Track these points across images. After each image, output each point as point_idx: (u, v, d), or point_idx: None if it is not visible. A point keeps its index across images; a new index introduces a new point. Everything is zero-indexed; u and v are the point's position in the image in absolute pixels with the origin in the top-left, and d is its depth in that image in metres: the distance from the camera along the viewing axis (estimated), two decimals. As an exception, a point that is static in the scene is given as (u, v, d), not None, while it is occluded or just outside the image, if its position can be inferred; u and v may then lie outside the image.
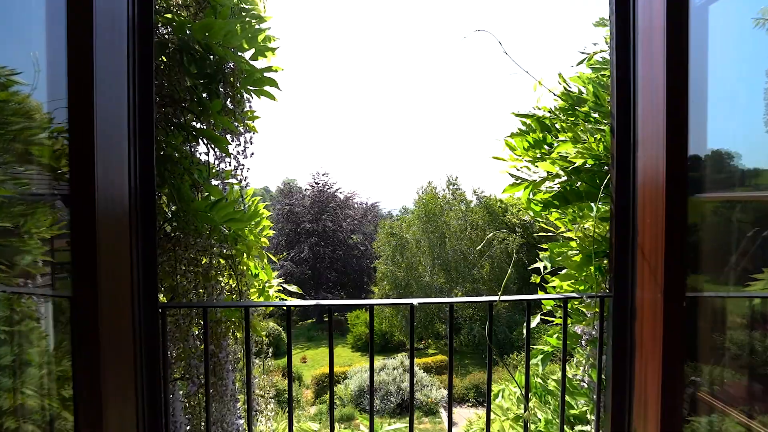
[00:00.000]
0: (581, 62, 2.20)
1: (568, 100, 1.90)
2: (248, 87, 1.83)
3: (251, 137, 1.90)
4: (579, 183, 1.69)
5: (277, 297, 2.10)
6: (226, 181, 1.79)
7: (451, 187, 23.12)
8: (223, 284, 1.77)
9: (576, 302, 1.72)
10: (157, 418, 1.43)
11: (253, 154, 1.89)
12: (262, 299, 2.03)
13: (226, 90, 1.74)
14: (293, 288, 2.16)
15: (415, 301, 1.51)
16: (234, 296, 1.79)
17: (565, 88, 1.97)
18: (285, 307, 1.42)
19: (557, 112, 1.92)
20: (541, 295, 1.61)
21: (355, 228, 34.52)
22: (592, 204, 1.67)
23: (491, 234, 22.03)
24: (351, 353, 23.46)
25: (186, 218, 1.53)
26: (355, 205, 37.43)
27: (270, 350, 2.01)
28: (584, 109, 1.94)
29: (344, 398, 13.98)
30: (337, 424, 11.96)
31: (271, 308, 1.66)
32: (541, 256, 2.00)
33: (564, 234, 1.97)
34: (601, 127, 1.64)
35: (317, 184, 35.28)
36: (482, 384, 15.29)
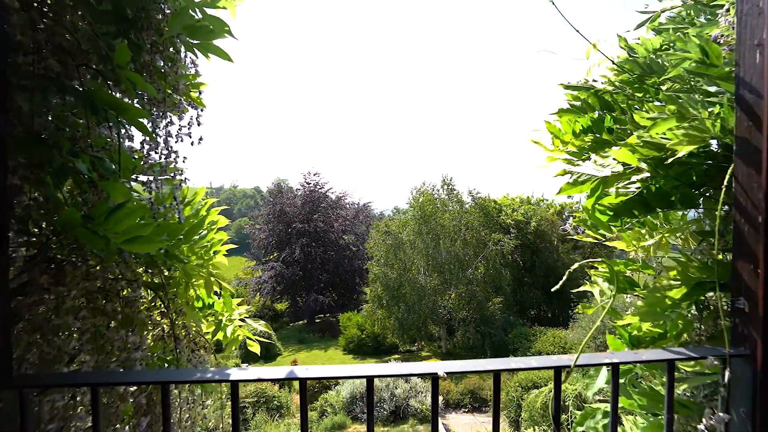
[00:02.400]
0: (642, 24, 1.71)
1: (634, 69, 1.39)
2: (188, 40, 1.29)
3: (198, 115, 1.36)
4: (662, 181, 1.19)
5: (239, 335, 1.57)
6: (160, 177, 1.23)
7: (445, 187, 22.62)
8: (151, 327, 1.24)
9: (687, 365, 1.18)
10: None
11: (201, 139, 1.34)
12: (219, 336, 1.50)
13: (152, 41, 1.19)
14: (260, 324, 1.63)
15: (440, 371, 0.98)
16: (168, 343, 1.25)
17: (629, 53, 1.46)
18: (228, 382, 0.88)
19: (622, 85, 1.42)
20: (626, 352, 1.07)
21: (346, 228, 33.94)
22: (681, 212, 1.18)
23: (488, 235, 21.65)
24: (343, 356, 22.90)
25: (72, 236, 0.98)
26: (347, 205, 36.88)
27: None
28: (651, 81, 1.44)
29: (336, 405, 13.41)
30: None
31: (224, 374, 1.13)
32: (592, 276, 1.49)
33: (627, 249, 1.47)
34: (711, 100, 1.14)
35: (308, 183, 34.63)
36: (478, 389, 14.84)
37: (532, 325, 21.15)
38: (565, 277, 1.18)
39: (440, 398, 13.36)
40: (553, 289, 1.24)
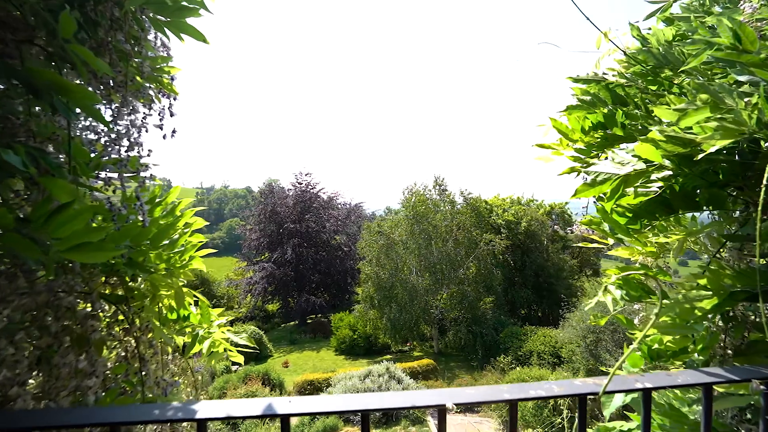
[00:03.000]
0: (652, 14, 1.60)
1: (648, 60, 1.28)
2: (157, 17, 1.13)
3: (170, 105, 1.21)
4: (685, 180, 1.07)
5: (221, 350, 1.42)
6: (126, 175, 1.08)
7: (437, 187, 22.53)
8: (117, 344, 1.08)
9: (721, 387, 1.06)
10: None
11: (175, 132, 1.19)
12: (196, 350, 1.35)
13: (112, 17, 1.03)
14: (242, 338, 1.48)
15: (449, 402, 0.85)
16: (132, 363, 1.10)
17: (642, 43, 1.35)
18: (194, 421, 0.73)
19: (635, 77, 1.31)
20: (659, 374, 0.94)
21: (338, 229, 33.73)
22: (703, 214, 1.07)
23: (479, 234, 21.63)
24: (335, 357, 22.71)
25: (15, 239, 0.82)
26: (339, 206, 36.69)
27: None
28: (665, 74, 1.33)
29: (327, 408, 13.26)
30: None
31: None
32: (605, 284, 1.38)
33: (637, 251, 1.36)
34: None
35: (300, 183, 34.34)
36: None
37: (522, 325, 21.18)
38: (594, 301, 1.05)
39: (432, 399, 13.26)
40: (587, 307, 1.12)
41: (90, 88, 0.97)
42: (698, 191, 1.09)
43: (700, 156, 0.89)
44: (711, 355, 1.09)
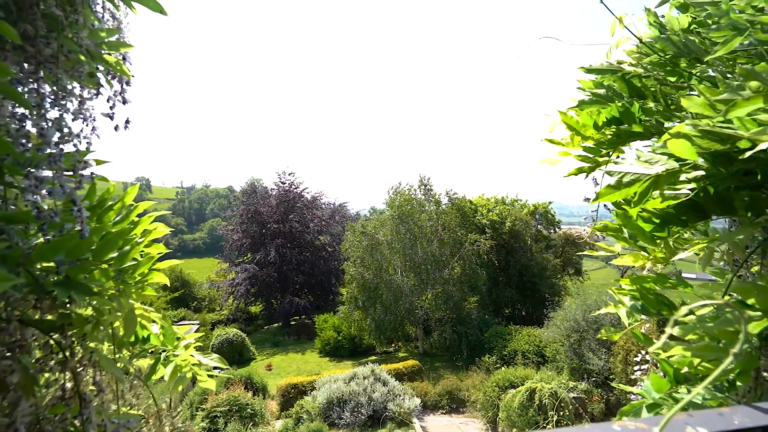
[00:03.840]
0: (665, 1, 1.48)
1: (667, 49, 1.15)
2: None
3: (122, 90, 1.02)
4: (720, 182, 0.94)
5: (188, 373, 1.24)
6: (60, 173, 0.88)
7: (422, 187, 22.46)
8: (53, 378, 0.89)
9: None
10: None
11: (128, 123, 0.99)
12: (158, 376, 1.17)
13: None
14: (212, 359, 1.30)
15: None
16: (71, 404, 0.91)
17: (659, 30, 1.23)
18: None
19: (652, 68, 1.18)
20: (709, 412, 0.78)
21: (322, 229, 33.37)
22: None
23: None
24: (319, 358, 22.44)
25: None
26: (323, 206, 36.33)
27: None
28: (683, 65, 1.21)
29: (312, 411, 12.99)
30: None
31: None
32: (614, 295, 1.25)
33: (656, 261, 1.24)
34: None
35: (283, 183, 33.84)
36: (455, 390, 14.73)
37: (507, 324, 21.29)
38: (604, 311, 0.91)
39: (418, 400, 13.14)
40: (595, 314, 0.98)
41: (6, 62, 0.78)
42: (732, 194, 0.96)
43: (748, 153, 0.76)
44: (754, 381, 0.96)
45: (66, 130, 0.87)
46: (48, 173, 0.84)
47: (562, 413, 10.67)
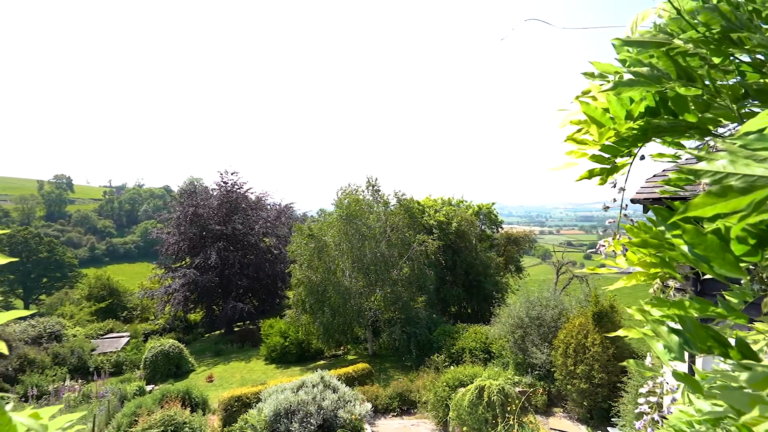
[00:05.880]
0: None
1: (712, 23, 0.98)
2: None
3: None
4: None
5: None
6: None
7: (371, 188, 22.32)
8: None
9: None
10: None
11: None
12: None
13: None
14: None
15: None
16: None
17: (702, 1, 1.07)
18: None
19: (698, 45, 1.01)
20: None
21: (268, 231, 32.13)
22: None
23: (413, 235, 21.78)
24: (265, 366, 21.52)
25: None
26: (268, 207, 35.00)
27: None
28: (744, 36, 1.05)
29: (257, 426, 12.33)
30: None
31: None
32: (648, 322, 1.10)
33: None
34: None
35: (226, 183, 32.18)
36: (406, 391, 14.71)
37: (454, 322, 21.73)
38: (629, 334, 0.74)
39: (369, 404, 12.93)
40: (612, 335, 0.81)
41: None
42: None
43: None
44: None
45: None
46: None
47: (509, 408, 10.98)
